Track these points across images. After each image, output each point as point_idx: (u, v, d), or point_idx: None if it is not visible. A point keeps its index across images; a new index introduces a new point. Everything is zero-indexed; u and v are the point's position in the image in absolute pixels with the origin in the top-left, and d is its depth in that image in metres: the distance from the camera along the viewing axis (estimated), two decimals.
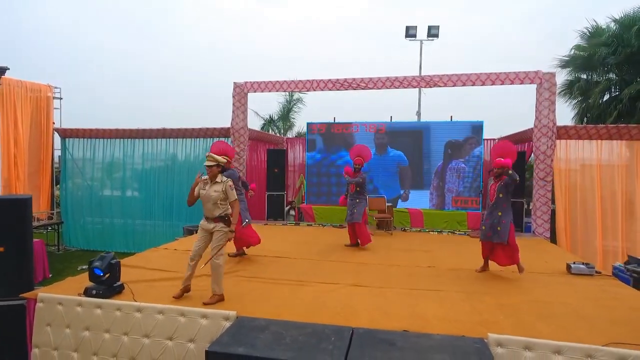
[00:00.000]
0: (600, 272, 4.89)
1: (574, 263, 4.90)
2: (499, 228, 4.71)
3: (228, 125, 9.08)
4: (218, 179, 3.83)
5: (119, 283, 3.96)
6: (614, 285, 4.50)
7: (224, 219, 3.83)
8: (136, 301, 3.68)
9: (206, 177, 3.87)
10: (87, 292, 3.80)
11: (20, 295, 3.84)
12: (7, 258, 3.88)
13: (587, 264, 4.87)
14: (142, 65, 46.90)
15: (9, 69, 6.96)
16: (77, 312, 3.65)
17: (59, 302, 3.71)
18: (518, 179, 4.66)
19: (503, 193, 4.76)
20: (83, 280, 4.07)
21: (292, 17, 49.70)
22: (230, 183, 3.85)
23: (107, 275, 3.84)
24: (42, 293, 3.81)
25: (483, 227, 4.91)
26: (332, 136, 9.77)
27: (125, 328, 3.51)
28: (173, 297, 3.86)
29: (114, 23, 46.80)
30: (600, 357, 2.77)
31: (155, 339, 3.43)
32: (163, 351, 3.39)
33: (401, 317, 3.46)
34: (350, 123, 9.75)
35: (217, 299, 3.78)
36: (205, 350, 2.80)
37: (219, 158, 3.90)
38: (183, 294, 3.90)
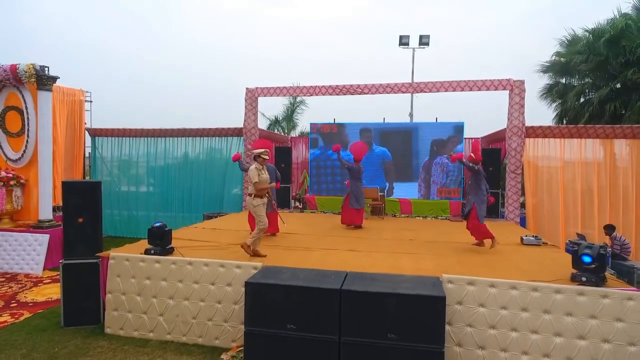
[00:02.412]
0: (546, 243, 6.10)
1: (526, 236, 6.12)
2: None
3: (240, 125, 10.30)
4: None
5: (170, 246, 5.18)
6: (553, 252, 5.72)
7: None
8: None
9: (261, 166, 5.27)
10: (146, 252, 5.01)
11: (96, 255, 5.06)
12: (85, 226, 5.08)
13: (535, 236, 6.09)
14: (140, 64, 47.62)
15: (59, 77, 8.17)
16: (140, 266, 4.84)
17: (126, 259, 4.91)
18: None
19: (471, 180, 5.96)
20: (142, 245, 5.29)
21: (292, 17, 50.65)
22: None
23: (164, 238, 5.06)
24: (113, 252, 5.03)
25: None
26: (331, 135, 11.00)
27: (179, 277, 4.69)
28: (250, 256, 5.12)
29: (113, 21, 47.49)
30: (521, 287, 3.95)
31: (202, 284, 4.63)
32: (208, 293, 4.59)
33: (384, 268, 4.68)
34: (349, 124, 11.00)
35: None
36: (245, 282, 4.00)
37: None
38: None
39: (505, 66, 40.60)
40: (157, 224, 5.15)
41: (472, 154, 5.88)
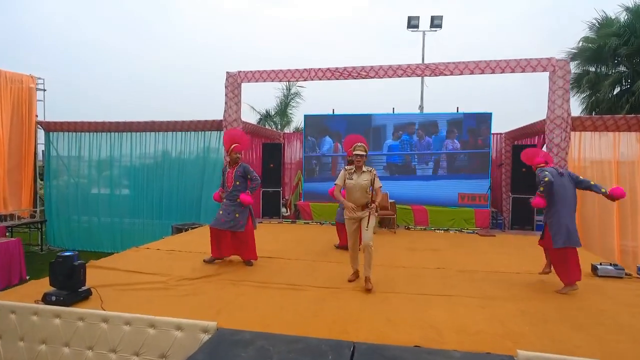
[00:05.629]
0: (630, 275, 4.37)
1: (600, 264, 4.40)
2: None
3: (220, 117, 8.57)
4: (364, 169, 3.97)
5: (85, 288, 3.45)
6: None
7: (368, 206, 3.93)
8: (103, 309, 3.19)
9: (351, 167, 4.01)
10: (45, 299, 3.29)
11: None
12: None
13: (614, 265, 4.37)
14: (140, 64, 46.64)
15: None
16: (33, 322, 3.14)
17: (11, 310, 3.21)
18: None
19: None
20: (45, 284, 3.56)
21: (292, 17, 49.41)
22: (375, 172, 3.97)
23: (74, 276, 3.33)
24: None
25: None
26: (330, 130, 9.27)
27: (89, 341, 3.01)
28: (349, 280, 4.04)
29: (113, 21, 46.51)
30: None
31: (121, 354, 2.93)
32: None
33: (409, 328, 2.95)
34: (349, 115, 9.26)
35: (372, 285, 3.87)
36: None
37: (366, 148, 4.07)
38: (356, 277, 4.10)
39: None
40: (65, 254, 3.41)
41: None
